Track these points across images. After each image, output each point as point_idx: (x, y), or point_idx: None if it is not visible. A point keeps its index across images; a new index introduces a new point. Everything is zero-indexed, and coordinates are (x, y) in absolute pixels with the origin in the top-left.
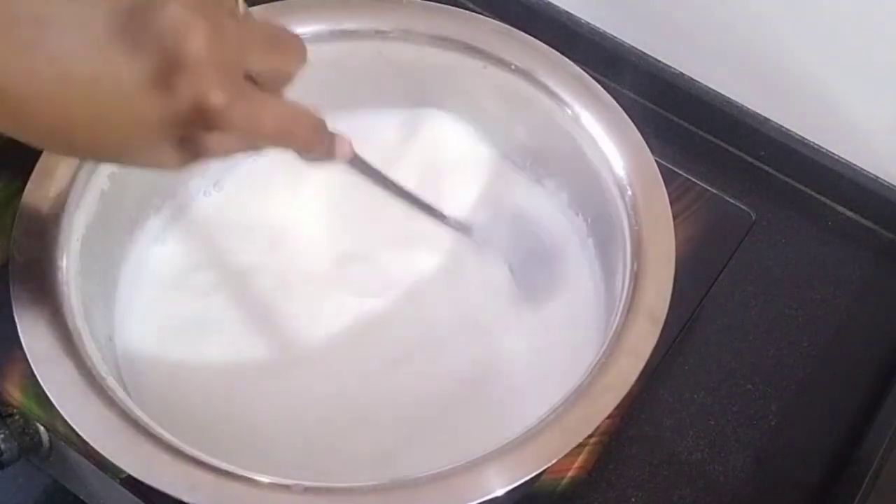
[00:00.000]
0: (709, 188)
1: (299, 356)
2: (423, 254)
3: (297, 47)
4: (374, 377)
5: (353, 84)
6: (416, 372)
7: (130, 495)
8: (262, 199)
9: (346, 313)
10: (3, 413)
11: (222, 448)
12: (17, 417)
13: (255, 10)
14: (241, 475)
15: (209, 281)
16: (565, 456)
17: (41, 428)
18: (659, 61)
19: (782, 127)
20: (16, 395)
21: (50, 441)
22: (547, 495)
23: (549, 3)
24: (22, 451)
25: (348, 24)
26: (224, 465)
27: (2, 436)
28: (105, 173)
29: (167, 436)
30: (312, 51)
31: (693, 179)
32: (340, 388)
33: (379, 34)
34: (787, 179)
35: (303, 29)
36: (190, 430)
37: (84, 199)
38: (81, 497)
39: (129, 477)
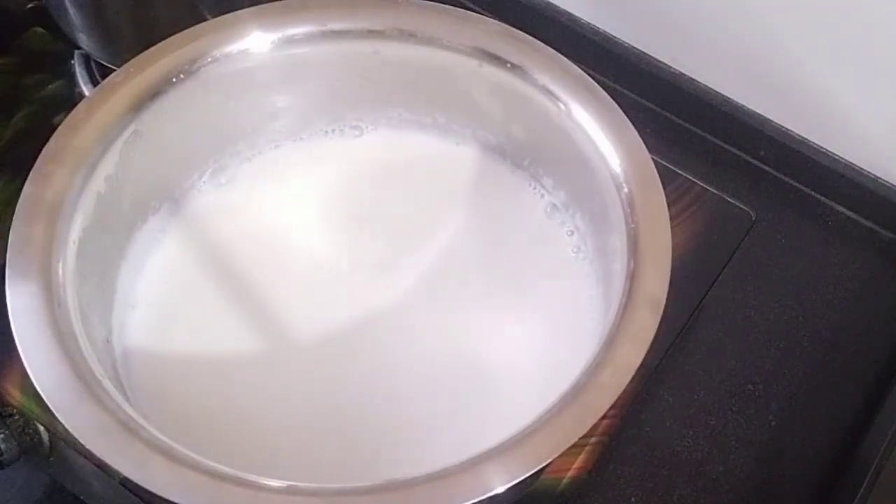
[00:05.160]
0: (709, 188)
1: (300, 357)
2: (422, 253)
3: None
4: (372, 376)
5: (349, 84)
6: (412, 370)
7: (130, 496)
8: (261, 200)
9: (347, 314)
10: (3, 413)
11: (221, 449)
12: (17, 417)
13: (254, 10)
14: (235, 477)
15: (208, 282)
16: (565, 456)
17: (41, 428)
18: (659, 61)
19: (782, 127)
20: (16, 395)
21: (50, 441)
22: (547, 495)
23: (550, 3)
24: (22, 451)
25: (344, 24)
26: (218, 468)
27: (2, 436)
28: (102, 176)
29: (162, 438)
30: (309, 51)
31: (693, 179)
32: (341, 389)
33: (375, 34)
34: (787, 179)
35: (299, 29)
36: (189, 432)
37: (81, 201)
38: (81, 497)
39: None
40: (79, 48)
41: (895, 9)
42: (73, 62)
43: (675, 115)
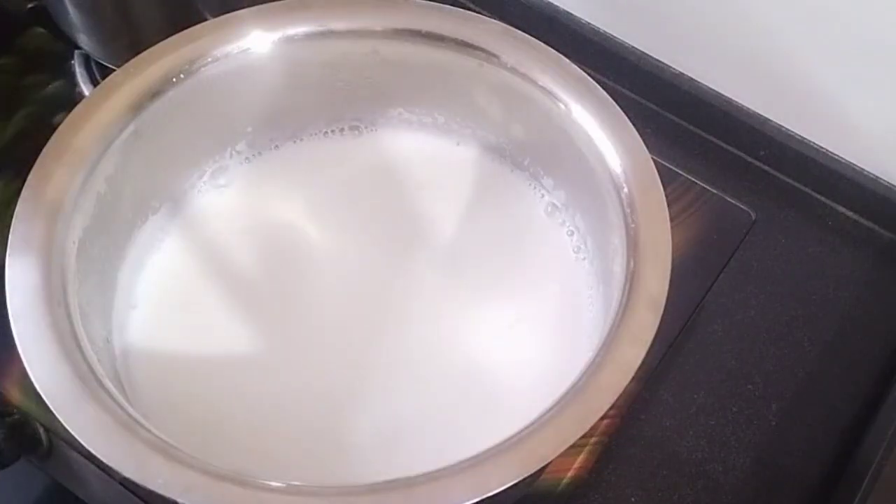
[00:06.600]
0: (709, 188)
1: (299, 357)
2: (422, 253)
3: None
4: (371, 376)
5: (349, 84)
6: (412, 370)
7: (130, 495)
8: (260, 200)
9: (346, 314)
10: (3, 413)
11: (221, 448)
12: (17, 417)
13: (254, 10)
14: (235, 477)
15: (208, 282)
16: (565, 456)
17: (41, 428)
18: (659, 61)
19: (782, 127)
20: (16, 395)
21: (49, 441)
22: (547, 495)
23: (550, 3)
24: (22, 450)
25: (344, 24)
26: (218, 467)
27: (2, 435)
28: (102, 176)
29: (162, 437)
30: (309, 51)
31: (693, 179)
32: (341, 389)
33: (375, 33)
34: (786, 179)
35: (299, 29)
36: (189, 431)
37: (81, 201)
38: (81, 497)
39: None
40: (79, 48)
41: (894, 9)
42: (73, 62)
43: (675, 115)
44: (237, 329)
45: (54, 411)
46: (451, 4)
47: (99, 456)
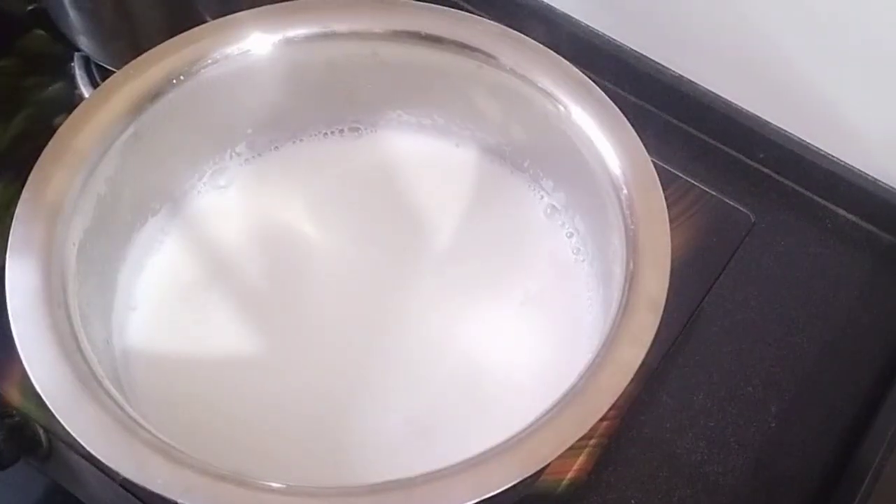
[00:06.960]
0: (708, 190)
1: (300, 357)
2: (421, 254)
3: None
4: (372, 377)
5: (348, 85)
6: (412, 371)
7: (130, 497)
8: (260, 201)
9: (346, 315)
10: (2, 414)
11: (221, 449)
12: (16, 418)
13: (254, 11)
14: (235, 477)
15: (208, 283)
16: (565, 457)
17: (41, 429)
18: (658, 64)
19: (782, 129)
20: (16, 395)
21: (49, 442)
22: (547, 497)
23: (548, 5)
24: (21, 452)
25: (343, 26)
26: (218, 468)
27: (1, 437)
28: (102, 177)
29: (163, 438)
30: (308, 53)
31: (692, 182)
32: (341, 390)
33: (374, 35)
34: (786, 182)
35: (299, 31)
36: (188, 432)
37: (80, 202)
38: (81, 499)
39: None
40: (79, 50)
41: (893, 12)
42: (72, 64)
43: (674, 117)
44: (237, 329)
45: (54, 412)
46: (450, 6)
47: (99, 457)
